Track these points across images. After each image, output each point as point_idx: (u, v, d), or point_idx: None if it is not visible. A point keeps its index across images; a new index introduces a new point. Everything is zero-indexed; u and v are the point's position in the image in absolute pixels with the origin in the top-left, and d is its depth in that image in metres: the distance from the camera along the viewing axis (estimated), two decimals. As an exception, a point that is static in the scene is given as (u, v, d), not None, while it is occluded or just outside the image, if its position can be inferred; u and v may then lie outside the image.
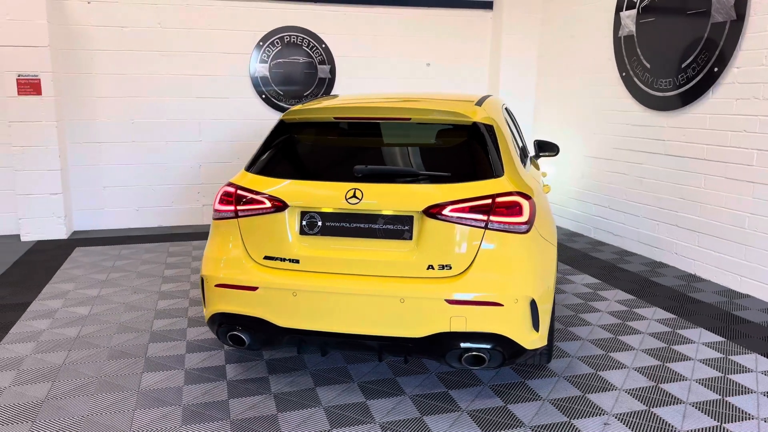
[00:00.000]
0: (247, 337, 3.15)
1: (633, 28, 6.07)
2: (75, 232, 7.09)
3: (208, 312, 3.25)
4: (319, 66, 7.50)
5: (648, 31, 5.87)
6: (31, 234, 6.67)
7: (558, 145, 5.68)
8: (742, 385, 3.37)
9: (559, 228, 7.39)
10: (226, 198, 3.24)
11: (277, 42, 7.32)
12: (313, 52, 7.45)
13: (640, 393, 3.29)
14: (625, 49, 6.20)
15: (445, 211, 2.95)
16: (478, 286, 2.92)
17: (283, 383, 3.37)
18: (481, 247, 2.96)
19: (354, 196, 3.02)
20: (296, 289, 3.02)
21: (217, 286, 3.16)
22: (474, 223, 2.95)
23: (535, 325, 3.06)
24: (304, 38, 7.39)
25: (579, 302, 4.72)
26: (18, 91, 6.36)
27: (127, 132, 7.13)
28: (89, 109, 6.96)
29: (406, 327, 2.96)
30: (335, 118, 3.38)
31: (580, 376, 3.49)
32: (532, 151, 5.64)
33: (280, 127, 3.49)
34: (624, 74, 6.24)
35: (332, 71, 7.55)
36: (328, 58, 7.52)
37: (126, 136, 7.14)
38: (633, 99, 6.14)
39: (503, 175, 3.12)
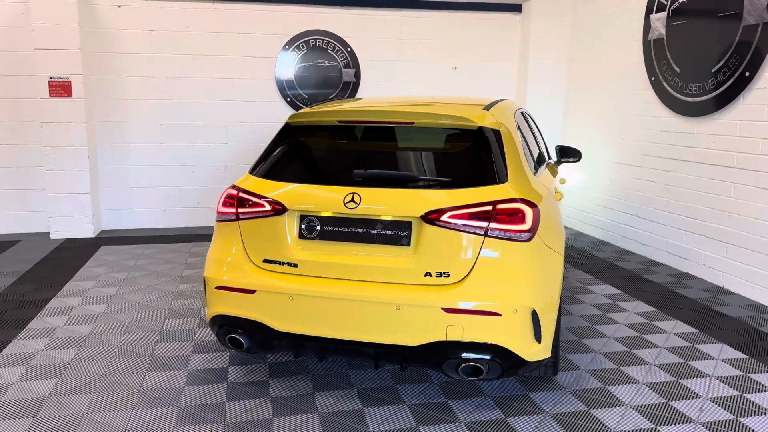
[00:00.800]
0: (246, 340, 3.14)
1: (663, 31, 5.88)
2: (103, 231, 7.25)
3: (209, 314, 3.26)
4: (344, 70, 7.50)
5: (678, 35, 5.68)
6: (60, 232, 6.85)
7: (580, 151, 5.53)
8: (759, 406, 3.21)
9: (585, 236, 7.22)
10: (228, 201, 3.24)
11: (302, 46, 7.35)
12: (338, 56, 7.46)
13: (648, 410, 3.16)
14: (654, 53, 6.01)
15: (444, 217, 2.89)
16: (476, 295, 2.85)
17: (283, 387, 3.36)
18: (480, 255, 2.88)
19: (352, 200, 2.99)
20: (292, 293, 3.00)
21: (217, 288, 3.17)
22: (473, 230, 2.88)
23: (537, 336, 2.97)
24: (329, 42, 7.41)
25: (596, 313, 4.58)
26: (50, 93, 6.54)
27: (155, 134, 7.26)
28: (119, 111, 7.11)
29: (402, 335, 2.90)
30: (339, 121, 3.35)
31: (587, 390, 3.37)
32: (555, 157, 5.51)
33: (286, 130, 3.48)
34: (653, 79, 6.05)
35: (357, 75, 7.55)
36: (353, 62, 7.51)
37: (154, 138, 7.27)
38: (662, 104, 5.95)
39: (507, 181, 3.04)
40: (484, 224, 2.88)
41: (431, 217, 2.90)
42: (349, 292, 2.94)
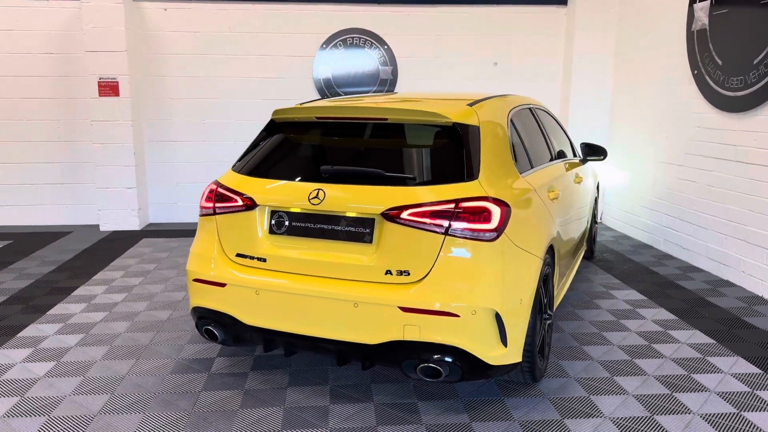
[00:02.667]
0: (219, 333, 3.21)
1: (706, 21, 5.51)
2: (149, 224, 7.60)
3: (190, 305, 3.35)
4: (381, 67, 7.50)
5: (721, 25, 5.31)
6: (108, 224, 7.24)
7: (605, 148, 5.29)
8: (756, 426, 2.95)
9: (628, 239, 6.87)
10: (209, 195, 3.32)
11: (339, 44, 7.41)
12: (375, 54, 7.47)
13: (627, 423, 2.97)
14: (697, 45, 5.64)
15: (404, 215, 2.84)
16: (434, 294, 2.78)
17: (260, 380, 3.40)
18: (441, 254, 2.81)
19: (316, 196, 2.99)
20: (258, 287, 3.04)
21: (194, 280, 3.26)
22: (434, 229, 2.81)
23: (503, 339, 2.87)
24: (366, 40, 7.43)
25: (609, 320, 4.35)
26: (99, 93, 6.93)
27: (199, 132, 7.53)
28: (165, 110, 7.43)
29: (360, 332, 2.88)
30: (317, 118, 3.36)
31: (568, 398, 3.21)
32: (580, 154, 5.28)
33: (270, 126, 3.53)
34: (696, 72, 5.68)
35: (394, 72, 7.53)
36: (390, 60, 7.50)
37: (197, 136, 7.54)
38: (704, 99, 5.57)
39: (477, 178, 2.95)
40: (445, 222, 2.81)
41: (392, 215, 2.85)
42: (310, 288, 2.95)
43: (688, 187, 5.85)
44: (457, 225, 2.81)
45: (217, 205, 3.25)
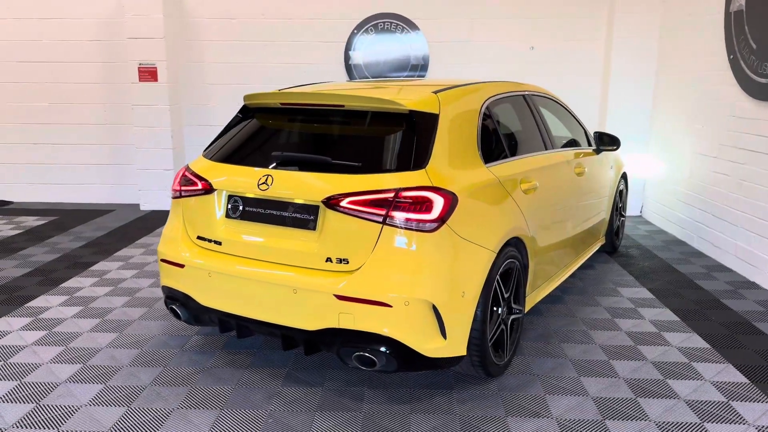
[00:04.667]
0: (182, 312, 3.33)
1: (743, 1, 5.09)
2: (187, 205, 7.90)
3: (161, 284, 3.49)
4: (412, 53, 7.42)
5: (758, 5, 4.89)
6: (148, 204, 7.60)
7: (618, 138, 5.03)
8: (713, 438, 2.76)
9: (663, 234, 6.51)
10: (177, 179, 3.43)
11: (371, 29, 7.39)
12: (406, 38, 7.39)
13: (573, 426, 2.85)
14: (734, 27, 5.23)
15: (344, 203, 2.83)
16: (368, 284, 2.77)
17: (224, 360, 3.50)
18: (378, 243, 2.79)
19: (265, 182, 3.02)
20: (210, 270, 3.12)
21: (161, 260, 3.39)
22: (372, 217, 2.79)
23: (442, 331, 2.82)
24: (398, 24, 7.36)
25: (604, 318, 4.16)
26: (139, 78, 7.25)
27: (234, 116, 7.73)
28: (202, 95, 7.68)
29: (299, 318, 2.91)
30: (281, 104, 3.39)
31: (523, 396, 3.11)
32: (594, 144, 5.04)
33: (241, 111, 3.60)
34: (732, 57, 5.28)
35: (425, 58, 7.42)
36: (422, 44, 7.40)
37: (233, 120, 7.74)
38: (738, 86, 5.17)
39: (424, 167, 2.89)
40: (383, 211, 2.78)
41: (332, 202, 2.85)
42: (255, 273, 3.00)
43: (721, 180, 5.47)
44: (395, 214, 2.77)
45: (183, 188, 3.35)
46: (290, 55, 7.53)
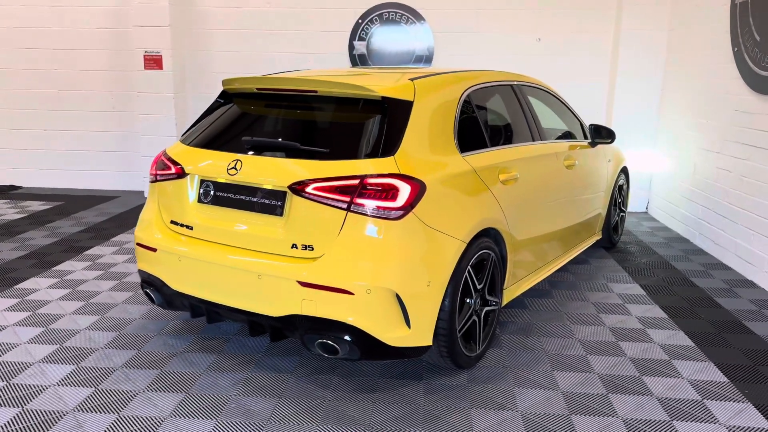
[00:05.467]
0: (155, 295, 3.34)
1: (749, -8, 4.95)
2: (191, 193, 7.96)
3: (137, 268, 3.51)
4: (417, 43, 7.36)
5: (763, -4, 4.75)
6: (152, 191, 7.66)
7: (613, 131, 4.93)
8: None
9: (666, 231, 6.38)
10: (154, 164, 3.44)
11: (375, 19, 7.34)
12: (411, 29, 7.33)
13: (538, 420, 2.80)
14: (739, 19, 5.09)
15: (309, 189, 2.81)
16: (331, 271, 2.75)
17: (199, 345, 3.51)
18: (342, 231, 2.76)
19: (234, 167, 3.02)
20: (180, 254, 3.13)
21: (137, 244, 3.40)
22: (336, 204, 2.77)
23: (407, 320, 2.79)
24: (402, 14, 7.31)
25: (589, 313, 4.09)
26: (144, 66, 7.31)
27: (239, 105, 7.75)
28: (208, 83, 7.70)
29: (264, 304, 2.90)
30: (258, 89, 3.38)
31: (492, 389, 3.07)
32: (590, 137, 4.94)
33: (220, 96, 3.59)
34: (736, 50, 5.13)
35: (430, 48, 7.36)
36: (427, 35, 7.33)
37: (237, 109, 7.76)
38: (742, 80, 5.03)
39: (393, 155, 2.86)
40: (347, 198, 2.75)
41: (298, 188, 2.83)
42: (222, 258, 3.00)
43: (724, 176, 5.33)
44: (360, 201, 2.75)
45: (158, 172, 3.36)
46: (295, 44, 7.52)
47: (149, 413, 2.80)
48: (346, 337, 2.77)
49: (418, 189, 2.82)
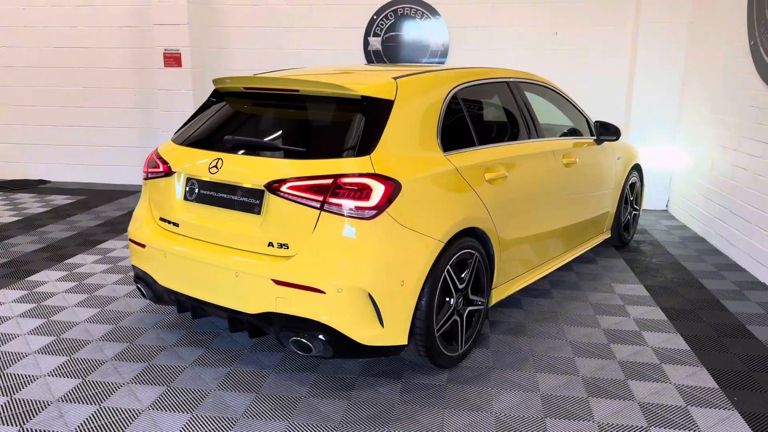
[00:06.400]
0: (145, 291, 3.43)
1: (765, -17, 4.77)
2: (211, 188, 8.10)
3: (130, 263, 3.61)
4: (432, 39, 7.32)
5: (779, -13, 4.57)
6: (172, 186, 7.83)
7: (618, 127, 4.82)
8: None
9: (685, 230, 6.20)
10: (147, 162, 3.53)
11: (390, 15, 7.33)
12: (426, 24, 7.30)
13: (511, 422, 2.77)
14: (756, 11, 4.91)
15: (284, 188, 2.84)
16: (304, 269, 2.77)
17: (188, 339, 3.59)
18: (316, 230, 2.79)
19: (215, 165, 3.07)
20: (165, 251, 3.20)
21: (129, 239, 3.50)
22: (310, 203, 2.79)
23: (380, 319, 2.80)
24: (417, 10, 7.27)
25: (586, 314, 4.02)
26: (164, 64, 7.46)
27: (256, 101, 7.85)
28: (226, 80, 7.81)
29: (241, 301, 2.95)
30: (245, 88, 3.42)
31: (470, 389, 3.05)
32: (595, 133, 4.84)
33: (213, 95, 3.65)
34: (752, 43, 4.96)
35: (445, 43, 7.31)
36: (442, 30, 7.28)
37: (255, 105, 7.86)
38: (757, 74, 4.86)
39: (369, 154, 2.86)
40: (321, 198, 2.77)
41: (274, 187, 2.86)
42: (202, 255, 3.05)
43: (740, 174, 5.16)
44: (333, 201, 2.76)
45: (149, 170, 3.44)
46: (311, 41, 7.57)
47: (129, 405, 2.88)
48: (320, 336, 2.79)
49: (393, 188, 2.82)
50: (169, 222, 3.28)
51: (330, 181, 2.78)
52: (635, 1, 6.85)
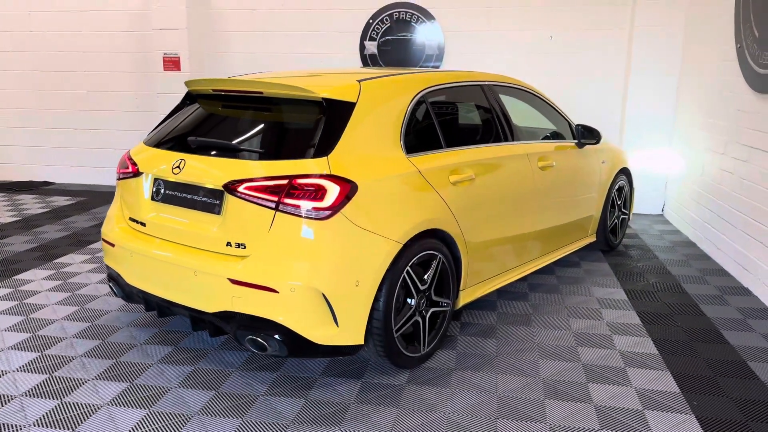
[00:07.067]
0: (116, 289, 3.50)
1: (751, -15, 4.72)
2: (209, 190, 8.20)
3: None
4: (427, 43, 7.34)
5: (763, -11, 4.53)
6: (171, 188, 7.94)
7: (598, 131, 4.80)
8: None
9: (677, 235, 6.15)
10: (119, 163, 3.60)
11: (386, 19, 7.37)
12: (421, 28, 7.32)
13: (460, 422, 2.79)
14: (742, 14, 4.86)
15: (241, 188, 2.89)
16: (258, 269, 2.82)
17: (159, 338, 3.65)
18: (272, 230, 2.83)
19: (178, 166, 3.13)
20: (132, 250, 3.26)
21: (102, 239, 3.57)
22: (266, 203, 2.83)
23: (335, 319, 2.83)
24: (413, 14, 7.30)
25: (560, 317, 4.01)
26: (164, 67, 7.58)
27: (254, 105, 7.93)
28: (225, 84, 7.91)
29: (200, 300, 2.99)
30: (213, 90, 3.48)
31: (424, 390, 3.07)
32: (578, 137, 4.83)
33: (185, 97, 3.71)
34: (739, 46, 4.91)
35: (440, 47, 7.33)
36: (437, 34, 7.30)
37: (253, 109, 7.95)
38: (742, 77, 4.81)
39: (327, 155, 2.90)
40: (276, 198, 2.81)
41: (232, 188, 2.91)
42: (164, 254, 3.11)
43: (727, 178, 5.11)
44: (288, 201, 2.80)
45: (120, 171, 3.51)
46: (309, 45, 7.64)
47: (90, 401, 2.94)
48: (275, 335, 2.83)
49: (349, 189, 2.85)
50: (137, 222, 3.34)
51: (285, 181, 2.82)
52: (631, 4, 6.82)
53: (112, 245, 3.40)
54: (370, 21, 7.40)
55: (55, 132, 8.44)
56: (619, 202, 5.48)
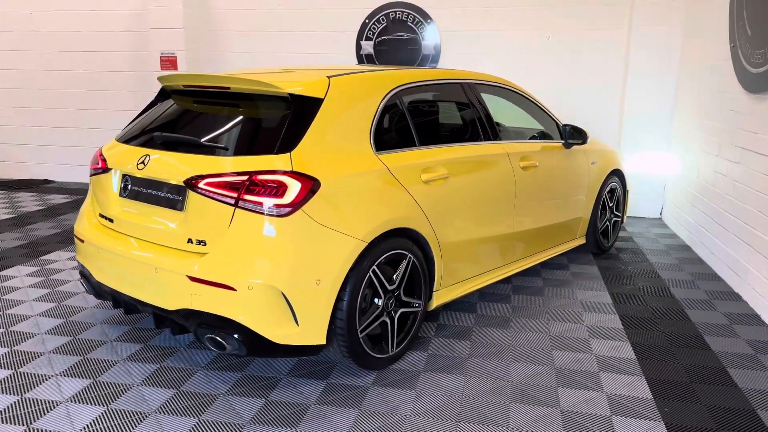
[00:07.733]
0: (86, 285, 3.48)
1: (744, -17, 4.62)
2: (207, 190, 8.20)
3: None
4: (423, 43, 7.29)
5: (756, -13, 4.42)
6: (168, 187, 7.95)
7: (584, 131, 4.71)
8: None
9: (673, 238, 6.03)
10: (92, 159, 3.59)
11: (382, 19, 7.32)
12: (417, 28, 7.27)
13: (419, 424, 2.73)
14: (736, 12, 4.76)
15: (201, 185, 2.85)
16: (216, 266, 2.78)
17: (131, 336, 3.62)
18: (231, 226, 2.79)
19: (142, 162, 3.10)
20: (98, 246, 3.24)
21: (74, 235, 3.56)
22: (225, 200, 2.80)
23: (295, 318, 2.78)
24: (409, 14, 7.26)
25: (541, 320, 3.93)
26: (161, 67, 7.59)
27: (252, 104, 7.93)
28: (222, 83, 7.92)
29: (160, 297, 2.96)
30: (183, 86, 3.45)
31: (387, 391, 3.01)
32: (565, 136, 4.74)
33: (159, 93, 3.69)
34: (732, 45, 4.80)
35: (437, 47, 7.27)
36: (434, 34, 7.24)
37: (251, 108, 7.94)
38: (735, 77, 4.71)
39: (290, 151, 2.86)
40: (235, 194, 2.78)
41: (193, 183, 2.88)
42: (128, 251, 3.08)
43: (720, 181, 5.00)
44: (248, 198, 2.77)
45: (92, 167, 3.50)
46: (306, 45, 7.61)
47: (50, 397, 2.92)
48: (234, 334, 2.79)
49: (310, 186, 2.80)
50: (106, 218, 3.33)
51: (245, 177, 2.78)
52: (629, 4, 6.71)
53: (82, 241, 3.39)
54: (367, 21, 7.37)
55: (56, 131, 8.49)
56: (610, 204, 5.38)
